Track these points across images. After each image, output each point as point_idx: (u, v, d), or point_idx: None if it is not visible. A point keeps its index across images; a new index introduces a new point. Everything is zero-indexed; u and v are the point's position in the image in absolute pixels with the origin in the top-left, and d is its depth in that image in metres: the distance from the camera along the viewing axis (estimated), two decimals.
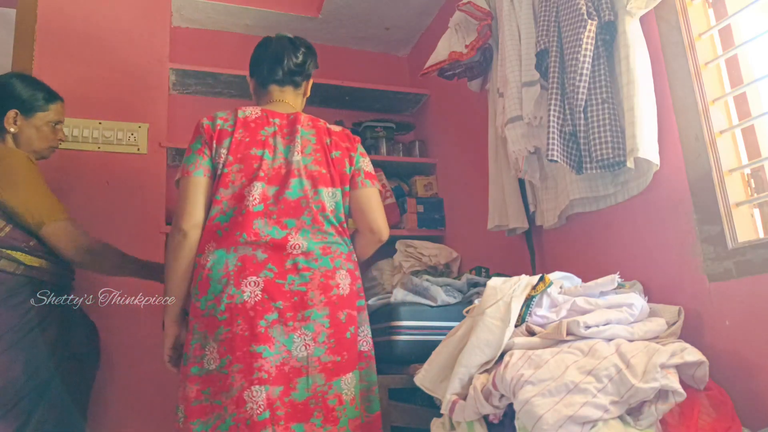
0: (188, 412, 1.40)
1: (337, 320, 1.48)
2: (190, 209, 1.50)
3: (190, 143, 1.58)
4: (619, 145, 1.47)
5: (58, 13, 2.35)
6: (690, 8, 1.45)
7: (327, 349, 1.45)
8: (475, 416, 1.22)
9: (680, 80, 1.44)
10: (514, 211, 1.93)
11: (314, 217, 1.52)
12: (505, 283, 1.34)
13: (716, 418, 1.12)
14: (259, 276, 1.44)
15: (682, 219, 1.43)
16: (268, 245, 1.46)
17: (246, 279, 1.43)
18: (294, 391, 1.40)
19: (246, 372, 1.37)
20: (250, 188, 1.50)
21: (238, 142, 1.54)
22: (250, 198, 1.49)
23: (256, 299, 1.41)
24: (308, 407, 1.40)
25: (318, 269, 1.49)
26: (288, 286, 1.46)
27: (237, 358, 1.38)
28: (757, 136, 1.38)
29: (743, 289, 1.26)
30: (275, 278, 1.45)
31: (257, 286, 1.43)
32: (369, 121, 2.86)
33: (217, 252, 1.46)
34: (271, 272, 1.45)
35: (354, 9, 2.77)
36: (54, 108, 1.85)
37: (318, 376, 1.43)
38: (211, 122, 1.57)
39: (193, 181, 1.52)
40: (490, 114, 2.06)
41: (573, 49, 1.53)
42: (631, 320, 1.28)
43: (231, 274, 1.43)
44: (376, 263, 2.69)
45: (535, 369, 1.14)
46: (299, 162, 1.56)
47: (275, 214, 1.50)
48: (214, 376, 1.40)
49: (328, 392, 1.43)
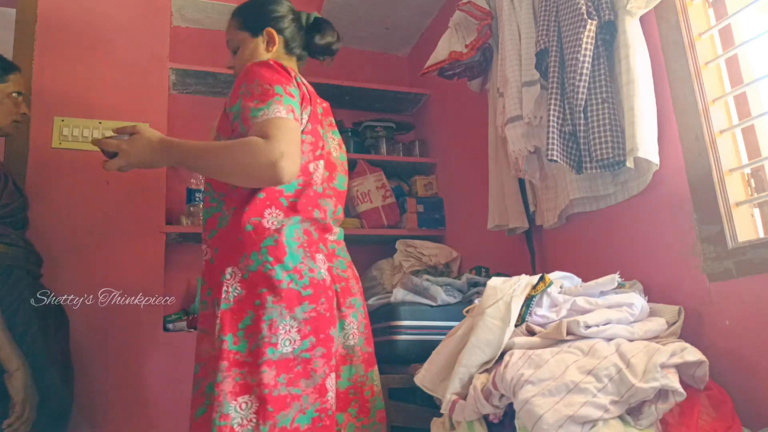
0: (270, 403, 1.20)
1: (366, 311, 1.50)
2: (298, 160, 1.27)
3: (283, 83, 1.33)
4: (619, 144, 1.47)
5: (58, 13, 2.35)
6: (690, 8, 1.45)
7: (365, 339, 1.45)
8: (475, 416, 1.22)
9: (680, 80, 1.44)
10: (514, 211, 1.93)
11: (343, 208, 1.54)
12: (505, 283, 1.34)
13: (716, 418, 1.12)
14: (321, 254, 1.35)
15: (682, 219, 1.43)
16: (322, 226, 1.39)
17: (317, 255, 1.33)
18: (339, 380, 1.36)
19: (327, 357, 1.28)
20: (315, 165, 1.39)
21: (315, 113, 1.42)
22: (315, 176, 1.39)
23: (329, 278, 1.34)
24: (348, 396, 1.37)
25: (346, 258, 1.49)
26: (336, 270, 1.40)
27: (320, 341, 1.27)
28: (757, 136, 1.38)
29: (743, 289, 1.26)
30: (327, 260, 1.38)
31: (324, 264, 1.34)
32: (369, 121, 2.86)
33: (284, 220, 1.31)
34: (322, 254, 1.36)
35: (354, 9, 2.77)
36: (13, 78, 1.78)
37: (359, 367, 1.41)
38: (297, 77, 1.42)
39: (297, 128, 1.30)
40: (490, 114, 2.06)
41: (573, 48, 1.53)
42: (631, 320, 1.28)
43: (305, 247, 1.32)
44: (376, 263, 2.69)
45: (535, 369, 1.14)
46: (337, 158, 1.53)
47: (333, 198, 1.46)
48: (291, 361, 1.24)
49: (365, 383, 1.41)
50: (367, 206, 2.68)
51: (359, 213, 2.69)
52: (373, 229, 2.65)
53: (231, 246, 1.30)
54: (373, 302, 1.94)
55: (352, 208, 2.73)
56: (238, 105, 1.32)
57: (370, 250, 2.80)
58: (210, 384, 1.24)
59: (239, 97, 1.33)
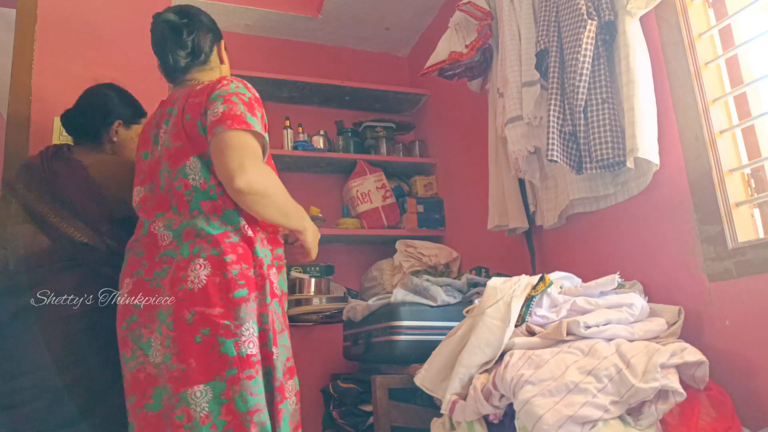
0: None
1: (182, 322, 1.26)
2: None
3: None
4: (619, 145, 1.47)
5: (58, 13, 2.35)
6: (690, 8, 1.45)
7: (174, 356, 1.26)
8: (475, 416, 1.22)
9: (680, 80, 1.44)
10: (514, 211, 1.93)
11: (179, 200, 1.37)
12: (505, 283, 1.34)
13: (716, 418, 1.12)
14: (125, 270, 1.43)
15: (682, 219, 1.43)
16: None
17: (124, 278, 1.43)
18: (149, 402, 1.27)
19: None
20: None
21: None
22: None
23: (124, 298, 1.39)
24: (161, 420, 1.26)
25: (175, 260, 1.32)
26: (152, 282, 1.33)
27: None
28: (757, 136, 1.38)
29: (743, 289, 1.26)
30: (144, 275, 1.36)
31: (124, 281, 1.42)
32: (369, 121, 2.86)
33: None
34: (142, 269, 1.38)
35: (354, 9, 2.77)
36: (143, 122, 1.88)
37: (167, 387, 1.26)
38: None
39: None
40: (490, 114, 2.06)
41: (573, 49, 1.53)
42: (631, 320, 1.28)
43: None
44: (376, 263, 2.69)
45: (535, 369, 1.14)
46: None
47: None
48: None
49: (176, 406, 1.23)
50: (367, 206, 2.68)
51: (359, 213, 2.69)
52: (373, 230, 2.65)
53: None
54: (373, 302, 1.94)
55: (353, 209, 2.74)
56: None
57: (370, 251, 2.80)
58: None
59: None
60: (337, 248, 2.79)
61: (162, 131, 1.45)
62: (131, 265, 1.40)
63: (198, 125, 1.36)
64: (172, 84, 1.58)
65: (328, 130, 2.80)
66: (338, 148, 2.79)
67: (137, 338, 1.31)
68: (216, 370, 1.24)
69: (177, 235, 1.33)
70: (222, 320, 1.25)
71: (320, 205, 2.70)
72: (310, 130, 2.75)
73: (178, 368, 1.24)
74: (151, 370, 1.28)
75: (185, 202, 1.35)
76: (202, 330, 1.25)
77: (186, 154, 1.36)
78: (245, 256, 1.32)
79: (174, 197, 1.37)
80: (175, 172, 1.37)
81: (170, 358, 1.26)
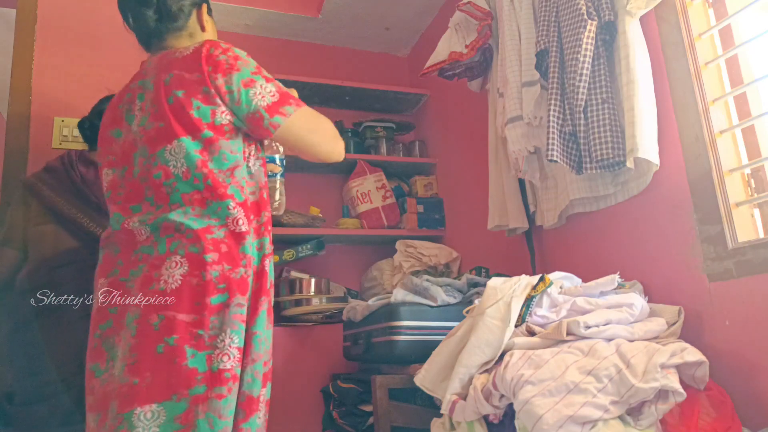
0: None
1: (147, 327, 1.10)
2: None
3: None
4: (619, 145, 1.47)
5: (58, 13, 2.35)
6: (690, 8, 1.45)
7: (127, 367, 1.08)
8: (475, 416, 1.22)
9: (680, 80, 1.44)
10: (514, 211, 1.93)
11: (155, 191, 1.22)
12: (505, 283, 1.34)
13: (716, 418, 1.12)
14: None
15: (682, 219, 1.43)
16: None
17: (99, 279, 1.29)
18: (107, 420, 1.10)
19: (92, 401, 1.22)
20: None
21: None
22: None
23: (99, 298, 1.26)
24: None
25: (151, 257, 1.17)
26: (128, 283, 1.18)
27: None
28: (757, 136, 1.38)
29: (743, 289, 1.26)
30: (120, 275, 1.21)
31: (100, 282, 1.29)
32: (369, 121, 2.86)
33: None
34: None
35: (354, 9, 2.77)
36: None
37: (114, 405, 1.07)
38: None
39: None
40: (490, 114, 2.06)
41: (573, 49, 1.53)
42: (631, 320, 1.28)
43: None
44: (376, 263, 2.69)
45: (535, 369, 1.14)
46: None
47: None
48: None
49: (117, 428, 1.06)
50: (367, 207, 2.68)
51: (359, 213, 2.69)
52: (373, 230, 2.65)
53: None
54: (373, 302, 1.94)
55: (353, 209, 2.74)
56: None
57: (370, 251, 2.80)
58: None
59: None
60: (337, 248, 2.79)
61: (137, 108, 1.27)
62: (106, 263, 1.25)
63: (193, 105, 1.20)
64: (149, 52, 1.43)
65: None
66: None
67: (111, 347, 1.14)
68: (175, 388, 1.06)
69: (154, 229, 1.18)
70: (194, 329, 1.10)
71: (320, 205, 2.70)
72: None
73: (128, 382, 1.06)
74: (114, 384, 1.11)
75: (164, 194, 1.20)
76: (166, 338, 1.08)
77: (169, 136, 1.20)
78: (229, 255, 1.18)
79: (150, 187, 1.21)
80: (153, 157, 1.21)
81: (124, 370, 1.08)
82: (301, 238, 2.57)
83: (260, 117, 1.24)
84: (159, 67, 1.28)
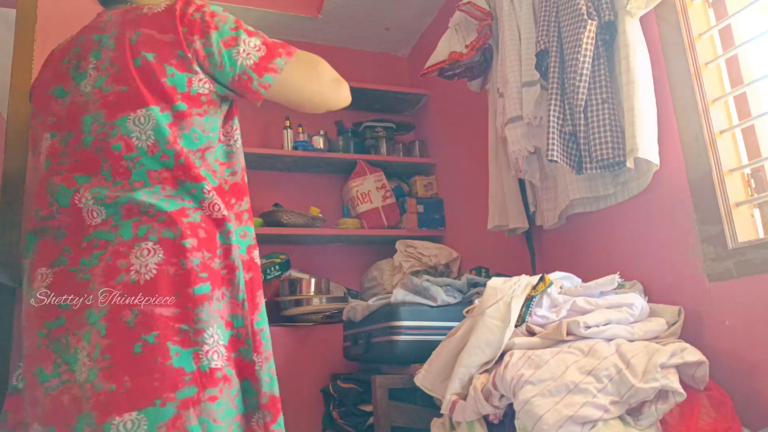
0: None
1: (120, 325, 0.96)
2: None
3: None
4: (619, 145, 1.47)
5: (58, 13, 2.35)
6: (690, 8, 1.45)
7: (101, 371, 0.94)
8: (475, 416, 1.22)
9: (680, 80, 1.44)
10: (514, 211, 1.93)
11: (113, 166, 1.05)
12: (505, 283, 1.34)
13: (716, 418, 1.12)
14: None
15: (682, 219, 1.43)
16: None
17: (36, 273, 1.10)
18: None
19: (14, 410, 1.07)
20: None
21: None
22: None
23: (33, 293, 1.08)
24: None
25: (111, 243, 1.01)
26: (80, 274, 1.02)
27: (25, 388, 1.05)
28: (757, 136, 1.38)
29: (743, 289, 1.26)
30: (69, 265, 1.05)
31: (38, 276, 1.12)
32: (369, 121, 2.86)
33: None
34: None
35: (354, 9, 2.77)
36: None
37: (90, 415, 0.93)
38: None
39: None
40: (490, 114, 2.06)
41: (573, 49, 1.53)
42: (631, 320, 1.28)
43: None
44: (376, 263, 2.69)
45: (535, 369, 1.14)
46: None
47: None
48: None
49: None
50: (367, 207, 2.68)
51: (359, 213, 2.69)
52: (373, 230, 2.65)
53: None
54: (373, 302, 1.94)
55: (353, 209, 2.74)
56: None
57: (370, 251, 2.80)
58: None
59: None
60: (337, 248, 2.79)
61: (89, 66, 1.10)
62: (46, 249, 1.06)
63: (167, 71, 1.06)
64: (105, 6, 1.27)
65: (328, 130, 2.80)
66: (338, 148, 2.79)
67: (63, 349, 0.99)
68: (158, 391, 0.93)
69: (114, 211, 1.02)
70: (177, 323, 0.97)
71: (320, 205, 2.70)
72: (310, 130, 2.75)
73: (105, 389, 0.93)
74: (77, 392, 0.95)
75: (124, 168, 1.03)
76: (144, 336, 0.95)
77: (133, 103, 1.05)
78: (208, 241, 1.04)
79: (107, 159, 1.04)
80: (111, 125, 1.04)
81: (97, 375, 0.94)
82: (301, 238, 2.57)
83: (248, 78, 1.11)
84: (123, 23, 1.11)
